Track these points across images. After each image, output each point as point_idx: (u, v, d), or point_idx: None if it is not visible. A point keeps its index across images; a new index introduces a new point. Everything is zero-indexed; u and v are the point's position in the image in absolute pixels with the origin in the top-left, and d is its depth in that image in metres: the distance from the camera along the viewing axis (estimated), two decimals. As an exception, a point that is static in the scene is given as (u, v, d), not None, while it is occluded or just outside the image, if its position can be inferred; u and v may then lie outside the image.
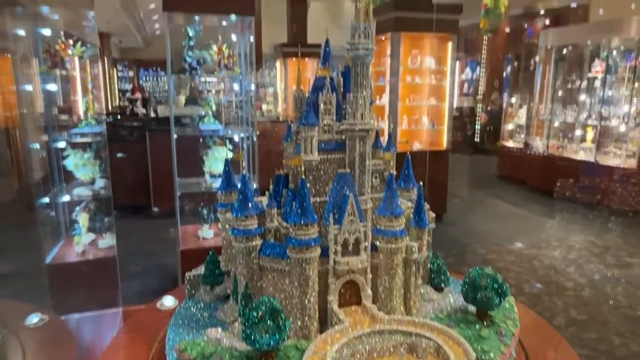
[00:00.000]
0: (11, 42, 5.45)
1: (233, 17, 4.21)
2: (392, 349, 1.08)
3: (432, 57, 6.26)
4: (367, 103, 1.24)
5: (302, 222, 1.12)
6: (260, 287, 1.19)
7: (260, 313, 1.01)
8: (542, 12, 11.98)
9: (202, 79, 6.25)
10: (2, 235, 5.82)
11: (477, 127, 11.91)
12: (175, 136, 4.08)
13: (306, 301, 1.15)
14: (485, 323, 1.22)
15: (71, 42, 4.42)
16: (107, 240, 3.94)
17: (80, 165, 4.09)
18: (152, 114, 8.98)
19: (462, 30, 14.82)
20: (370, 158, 1.29)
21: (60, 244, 3.80)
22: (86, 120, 4.32)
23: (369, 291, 1.20)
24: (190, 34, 4.12)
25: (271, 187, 1.32)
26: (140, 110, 9.30)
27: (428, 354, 1.09)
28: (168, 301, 1.68)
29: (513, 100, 9.66)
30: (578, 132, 7.92)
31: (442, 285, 1.40)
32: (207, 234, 4.23)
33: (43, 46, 4.38)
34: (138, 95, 13.92)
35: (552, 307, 4.21)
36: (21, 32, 4.95)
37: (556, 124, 8.24)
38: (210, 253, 1.48)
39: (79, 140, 4.21)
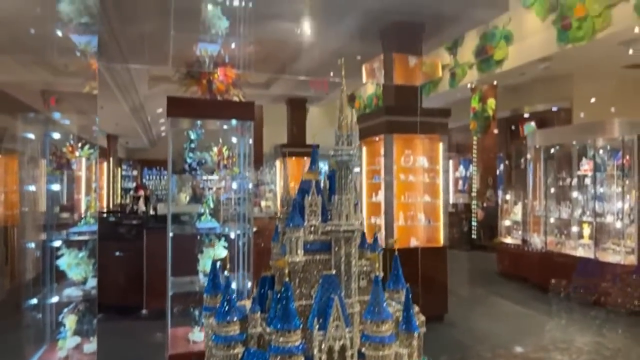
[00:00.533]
0: (19, 144, 5.70)
1: (233, 121, 4.47)
2: None
3: (425, 156, 6.51)
4: (352, 205, 1.28)
5: (284, 327, 1.09)
6: (243, 399, 1.12)
7: None
8: (526, 115, 12.67)
9: (204, 178, 6.44)
10: (-16, 339, 5.57)
11: (474, 223, 11.97)
12: (171, 234, 4.10)
13: (288, 416, 1.08)
14: None
15: (80, 144, 4.63)
16: (94, 345, 3.78)
17: (74, 264, 4.05)
18: (152, 212, 9.08)
19: (454, 131, 15.59)
20: (356, 259, 1.30)
21: (43, 348, 3.63)
22: (85, 219, 4.37)
23: (357, 403, 1.14)
24: (192, 137, 4.34)
25: (255, 289, 1.31)
26: (140, 207, 9.42)
27: None
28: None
29: (507, 197, 9.83)
30: (574, 229, 7.95)
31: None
32: (198, 337, 4.06)
33: (50, 148, 4.57)
34: (141, 192, 14.19)
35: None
36: (31, 136, 5.21)
37: (552, 220, 8.29)
38: (193, 360, 1.42)
39: (77, 238, 4.23)
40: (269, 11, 5.52)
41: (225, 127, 4.63)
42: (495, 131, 12.40)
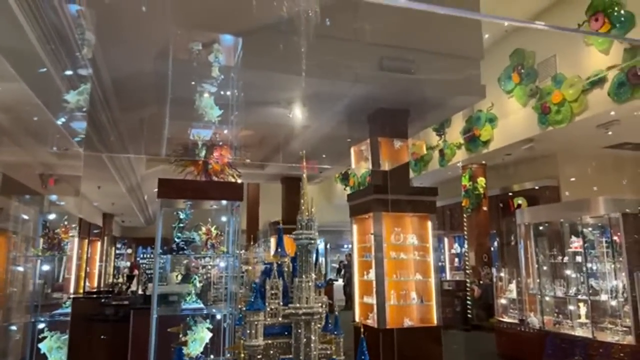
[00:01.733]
0: (12, 224, 5.79)
1: (224, 202, 4.61)
2: None
3: (414, 234, 6.59)
4: (312, 288, 1.35)
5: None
6: None
7: None
8: (511, 194, 12.94)
9: (197, 257, 6.45)
10: None
11: (468, 301, 11.75)
12: (155, 316, 4.06)
13: None
14: None
15: (74, 225, 4.73)
16: None
17: (55, 347, 3.98)
18: (140, 292, 8.94)
19: (447, 208, 15.76)
20: (316, 342, 1.34)
21: None
22: (72, 300, 4.36)
23: None
24: (181, 216, 4.44)
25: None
26: (132, 287, 9.26)
27: None
28: None
29: (502, 274, 9.75)
30: (571, 307, 7.82)
31: None
32: None
33: (43, 229, 4.65)
34: (136, 272, 14.01)
35: None
36: (25, 216, 5.32)
37: (547, 298, 8.18)
38: None
39: (62, 319, 4.18)
40: (261, 99, 5.88)
41: (215, 207, 4.76)
42: (485, 208, 12.59)
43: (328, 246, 21.50)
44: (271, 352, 1.30)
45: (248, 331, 1.28)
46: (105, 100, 5.20)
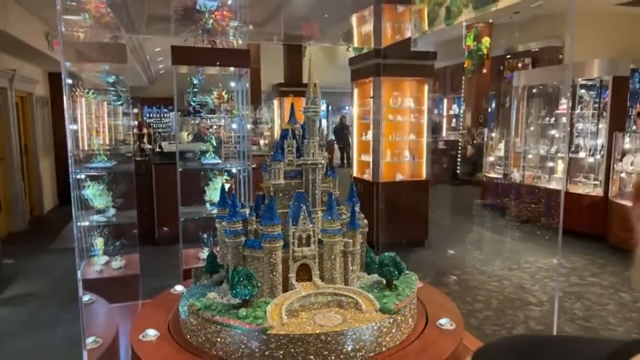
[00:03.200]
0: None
1: (231, 68, 4.92)
2: (327, 303, 1.65)
3: (411, 97, 6.97)
4: (317, 146, 1.84)
5: (270, 222, 1.70)
6: (244, 270, 1.75)
7: (239, 276, 1.58)
8: (509, 56, 12.81)
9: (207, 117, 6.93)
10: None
11: (459, 159, 12.58)
12: (180, 169, 4.70)
13: (273, 276, 1.72)
14: (390, 289, 1.79)
15: (86, 90, 5.10)
16: (118, 262, 4.50)
17: (97, 195, 4.69)
18: (157, 149, 9.64)
19: (449, 69, 15.73)
20: (319, 182, 1.88)
21: (84, 262, 4.35)
22: (100, 156, 4.96)
23: (317, 271, 1.78)
24: (195, 81, 4.80)
25: (252, 202, 1.92)
26: (147, 145, 9.98)
27: (349, 306, 1.66)
28: (179, 288, 2.29)
29: (493, 134, 10.36)
30: (551, 164, 8.56)
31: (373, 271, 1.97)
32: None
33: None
34: (145, 131, 14.66)
35: (514, 319, 4.71)
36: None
37: (530, 156, 8.89)
38: (210, 251, 2.05)
39: (93, 173, 4.84)
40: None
41: (224, 72, 5.09)
42: (485, 70, 12.66)
43: (330, 108, 21.79)
44: (289, 188, 1.85)
45: (272, 175, 1.81)
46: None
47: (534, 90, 8.92)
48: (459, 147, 12.59)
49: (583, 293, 5.39)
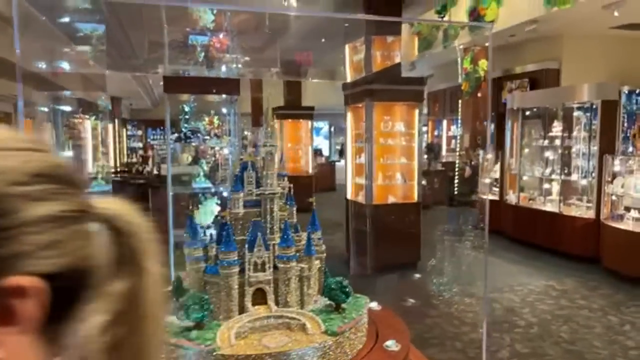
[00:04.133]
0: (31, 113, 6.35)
1: (223, 95, 5.11)
2: (277, 326, 1.75)
3: (402, 122, 7.11)
4: (274, 177, 1.97)
5: (227, 249, 1.82)
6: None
7: (193, 300, 1.69)
8: (509, 85, 12.97)
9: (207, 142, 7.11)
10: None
11: (456, 180, 12.64)
12: (171, 193, 4.84)
13: (229, 300, 1.83)
14: (338, 311, 1.88)
15: (87, 116, 5.31)
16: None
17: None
18: (156, 172, 9.81)
19: (447, 92, 15.90)
20: (277, 211, 1.99)
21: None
22: (97, 180, 5.12)
23: (272, 295, 1.88)
24: (186, 109, 4.98)
25: (214, 230, 2.04)
26: (146, 168, 10.16)
27: (297, 328, 1.76)
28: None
29: (489, 156, 10.44)
30: (546, 186, 8.62)
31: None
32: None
33: (63, 121, 5.26)
34: (150, 153, 14.89)
35: (500, 342, 4.73)
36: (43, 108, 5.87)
37: (525, 178, 8.96)
38: (177, 276, 2.16)
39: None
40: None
41: (217, 99, 5.28)
42: (479, 95, 12.80)
43: (332, 129, 22.01)
44: (248, 217, 1.97)
45: (233, 204, 1.93)
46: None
47: (527, 113, 9.04)
48: (456, 169, 12.66)
49: (571, 316, 5.39)
